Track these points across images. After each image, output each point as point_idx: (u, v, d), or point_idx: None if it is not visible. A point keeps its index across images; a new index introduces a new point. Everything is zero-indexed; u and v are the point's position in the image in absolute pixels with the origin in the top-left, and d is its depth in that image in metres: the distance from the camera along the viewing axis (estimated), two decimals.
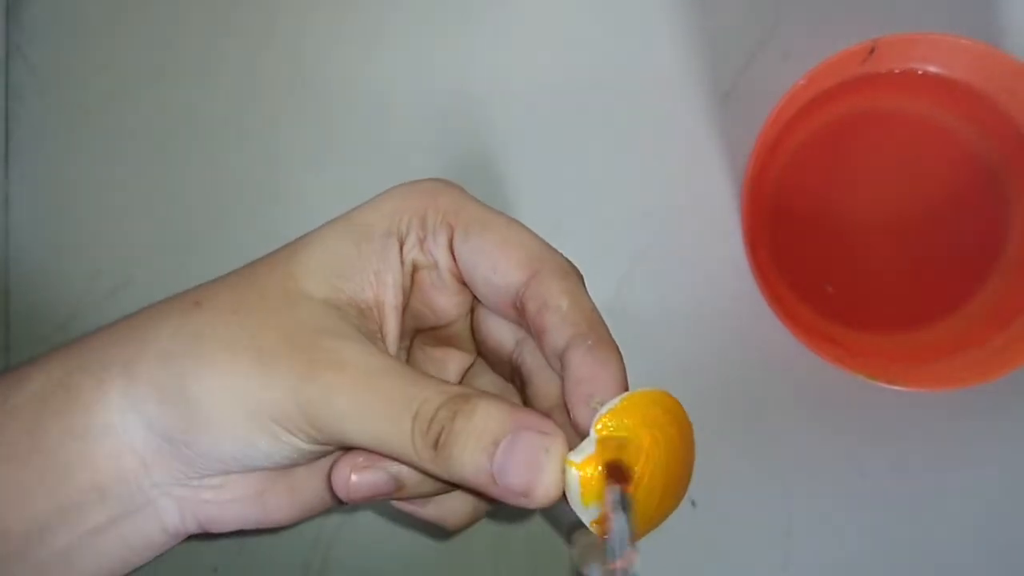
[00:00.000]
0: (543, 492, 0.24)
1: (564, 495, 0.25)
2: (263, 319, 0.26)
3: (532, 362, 0.29)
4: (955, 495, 0.39)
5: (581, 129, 0.41)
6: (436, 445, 0.25)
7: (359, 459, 0.26)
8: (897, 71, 0.38)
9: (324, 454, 0.27)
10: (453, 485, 0.27)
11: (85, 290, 0.40)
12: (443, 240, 0.28)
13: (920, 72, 0.38)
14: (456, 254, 0.28)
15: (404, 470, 0.26)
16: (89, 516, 0.26)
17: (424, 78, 0.41)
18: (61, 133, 0.41)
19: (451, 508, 0.28)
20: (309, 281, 0.27)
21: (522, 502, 0.25)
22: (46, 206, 0.41)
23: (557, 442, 0.24)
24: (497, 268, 0.27)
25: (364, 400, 0.25)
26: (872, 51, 0.36)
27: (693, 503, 0.39)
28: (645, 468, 0.25)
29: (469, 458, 0.24)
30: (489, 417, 0.25)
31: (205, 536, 0.28)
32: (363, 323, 0.27)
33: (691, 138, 0.40)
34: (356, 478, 0.26)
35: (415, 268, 0.29)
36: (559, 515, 0.39)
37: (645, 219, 0.40)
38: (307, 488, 0.28)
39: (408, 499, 0.27)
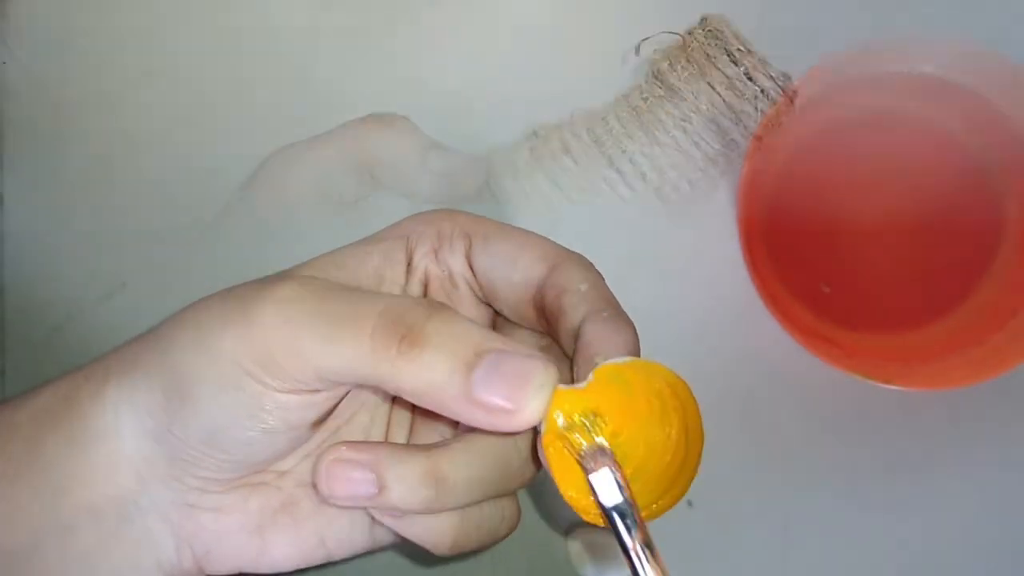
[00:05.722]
0: (531, 411, 0.22)
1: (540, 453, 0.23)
2: (243, 288, 0.25)
3: None
4: (951, 495, 0.39)
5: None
6: (401, 342, 0.22)
7: (342, 447, 0.25)
8: (892, 72, 0.38)
9: (306, 417, 0.25)
10: (408, 406, 0.26)
11: (80, 293, 0.40)
12: (460, 248, 0.28)
13: (915, 73, 0.38)
14: (474, 263, 0.28)
15: (383, 456, 0.24)
16: (81, 537, 0.25)
17: (420, 79, 0.41)
18: (55, 135, 0.41)
19: (435, 528, 0.26)
20: (304, 270, 0.26)
21: (495, 421, 0.22)
22: (40, 208, 0.41)
23: (552, 366, 0.23)
24: (517, 264, 0.27)
25: (318, 305, 0.23)
26: (867, 52, 0.36)
27: (689, 503, 0.39)
28: (626, 425, 0.23)
29: (443, 361, 0.22)
30: (473, 328, 0.23)
31: None
32: None
33: None
34: (333, 457, 0.25)
35: (427, 280, 0.28)
36: (558, 515, 0.39)
37: (641, 220, 0.40)
38: (309, 525, 0.27)
39: (390, 508, 0.25)
